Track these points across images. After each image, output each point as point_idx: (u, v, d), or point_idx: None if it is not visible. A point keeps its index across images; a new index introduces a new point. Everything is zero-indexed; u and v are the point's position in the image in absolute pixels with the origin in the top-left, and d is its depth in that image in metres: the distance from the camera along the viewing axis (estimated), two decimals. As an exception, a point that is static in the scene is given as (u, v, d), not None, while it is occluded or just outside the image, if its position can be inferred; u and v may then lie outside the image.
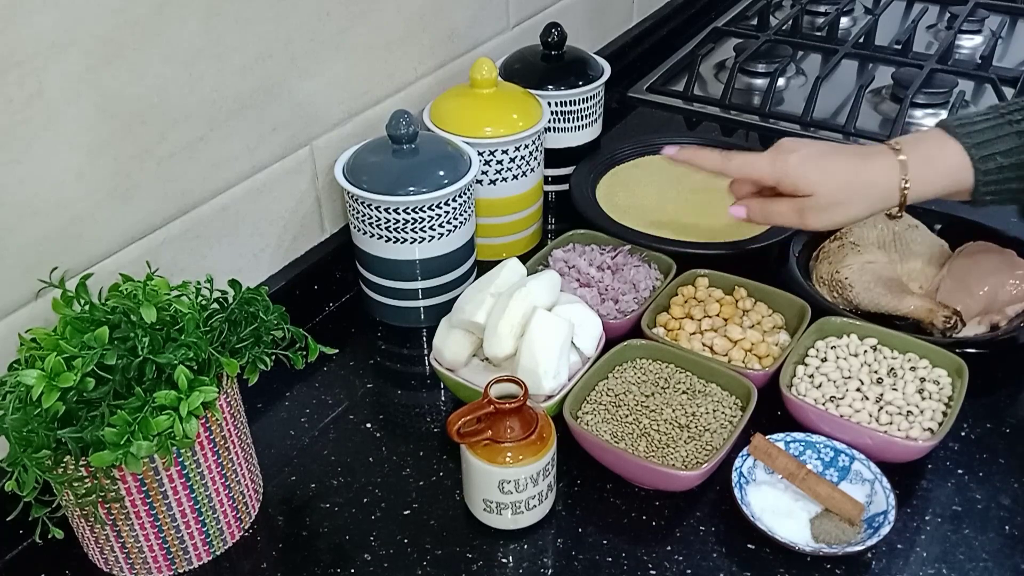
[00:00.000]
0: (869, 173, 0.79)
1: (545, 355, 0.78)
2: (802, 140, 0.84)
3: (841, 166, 0.80)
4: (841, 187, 0.79)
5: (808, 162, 0.80)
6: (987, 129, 0.77)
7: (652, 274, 0.96)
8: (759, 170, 0.82)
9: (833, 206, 0.80)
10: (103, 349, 0.61)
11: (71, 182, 0.72)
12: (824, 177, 0.80)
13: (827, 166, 0.80)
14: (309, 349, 0.71)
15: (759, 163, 0.82)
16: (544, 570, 0.72)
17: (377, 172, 0.89)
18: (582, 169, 1.12)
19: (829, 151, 0.82)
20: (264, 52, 0.85)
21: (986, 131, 0.77)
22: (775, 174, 0.81)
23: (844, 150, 0.82)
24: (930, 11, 1.64)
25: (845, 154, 0.81)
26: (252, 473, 0.75)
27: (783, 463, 0.75)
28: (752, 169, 0.83)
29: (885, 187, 0.79)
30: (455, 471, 0.79)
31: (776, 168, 0.81)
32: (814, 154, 0.81)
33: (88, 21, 0.69)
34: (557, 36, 1.10)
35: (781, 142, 0.83)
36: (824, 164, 0.80)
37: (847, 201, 0.80)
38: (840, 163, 0.80)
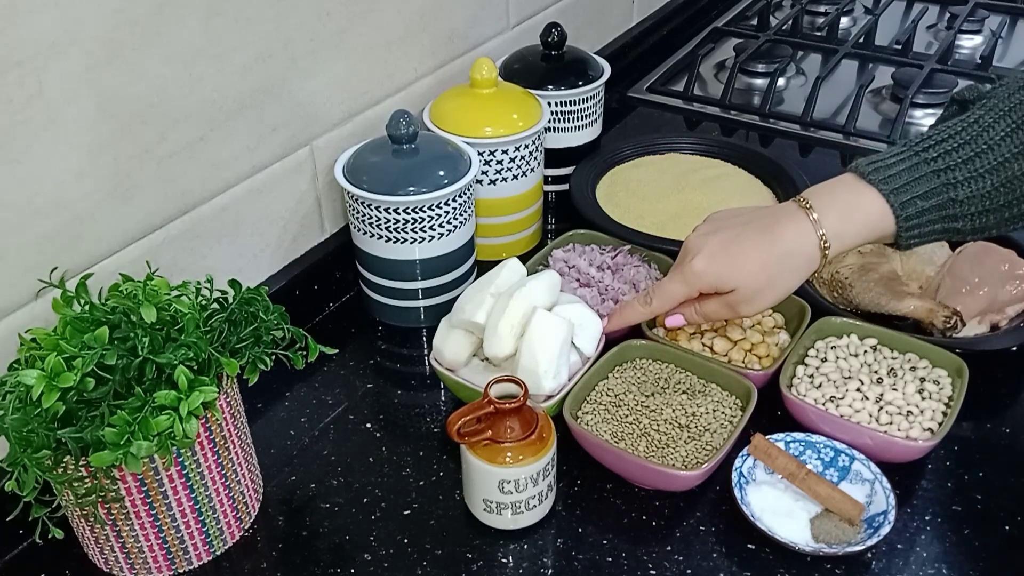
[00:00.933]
0: (783, 244, 0.75)
1: (545, 355, 0.78)
2: (707, 228, 0.79)
3: (750, 249, 0.75)
4: (759, 271, 0.75)
5: (715, 260, 0.76)
6: (903, 172, 0.73)
7: (652, 274, 0.96)
8: (679, 295, 0.79)
9: (758, 292, 0.76)
10: (103, 349, 0.61)
11: (71, 182, 0.72)
12: (736, 269, 0.76)
13: (735, 256, 0.76)
14: (309, 349, 0.71)
15: (675, 289, 0.79)
16: (544, 570, 0.72)
17: (377, 172, 0.89)
18: (582, 169, 1.12)
19: (733, 237, 0.76)
20: (264, 52, 0.85)
21: (902, 174, 0.73)
22: (692, 289, 0.78)
23: (751, 225, 0.77)
24: (930, 11, 1.64)
25: (752, 231, 0.76)
26: (252, 473, 0.75)
27: (783, 463, 0.75)
28: (672, 298, 0.80)
29: (804, 256, 0.75)
30: (455, 471, 0.79)
31: (690, 283, 0.78)
32: (718, 248, 0.77)
33: (88, 21, 0.69)
34: (557, 36, 1.10)
35: (686, 243, 0.80)
36: (732, 255, 0.76)
37: (771, 283, 0.76)
38: (748, 246, 0.76)
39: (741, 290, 0.76)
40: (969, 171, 0.72)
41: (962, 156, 0.72)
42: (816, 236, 0.74)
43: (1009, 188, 0.72)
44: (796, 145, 1.28)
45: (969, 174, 0.72)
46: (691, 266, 0.77)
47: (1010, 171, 0.72)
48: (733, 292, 0.77)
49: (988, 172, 0.72)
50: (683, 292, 0.79)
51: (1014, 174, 0.72)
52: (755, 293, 0.76)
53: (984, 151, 0.72)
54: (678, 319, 0.82)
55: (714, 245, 0.77)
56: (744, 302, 0.77)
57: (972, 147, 0.72)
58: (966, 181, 0.72)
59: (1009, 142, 0.72)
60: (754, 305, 0.77)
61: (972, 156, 0.72)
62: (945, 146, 0.73)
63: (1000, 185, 0.72)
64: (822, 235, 0.74)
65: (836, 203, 0.75)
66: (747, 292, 0.76)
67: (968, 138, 0.72)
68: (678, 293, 0.79)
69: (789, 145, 1.29)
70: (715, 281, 0.77)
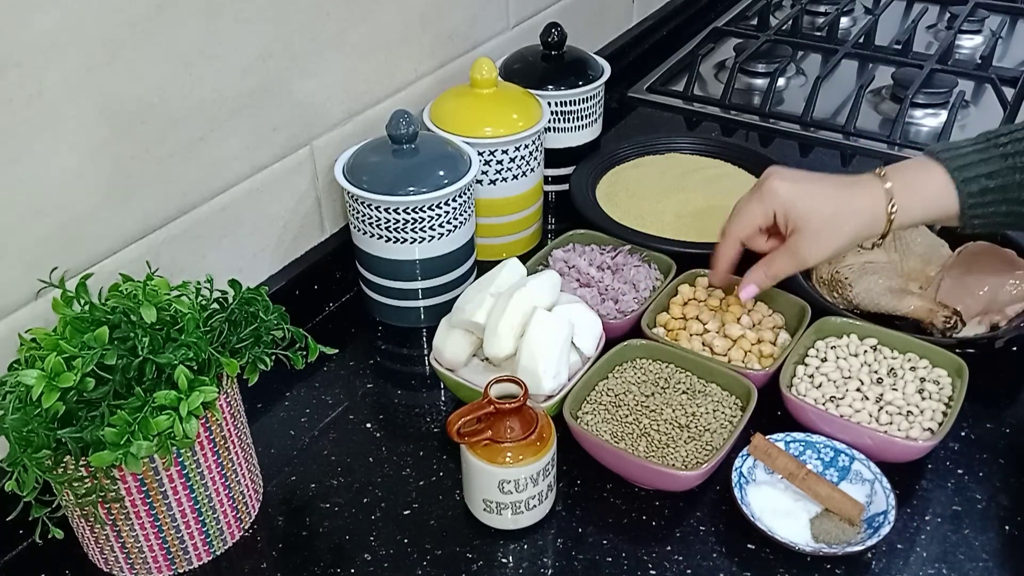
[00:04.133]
0: (856, 201, 0.79)
1: (545, 355, 0.78)
2: (787, 169, 0.83)
3: (828, 194, 0.80)
4: (830, 212, 0.79)
5: (793, 186, 0.80)
6: (972, 153, 0.77)
7: (652, 274, 0.96)
8: (756, 213, 0.82)
9: (822, 233, 0.79)
10: (103, 349, 0.61)
11: (71, 182, 0.72)
12: (810, 201, 0.79)
13: (814, 194, 0.80)
14: (309, 349, 0.71)
15: (751, 207, 0.82)
16: (544, 570, 0.72)
17: (377, 172, 0.89)
18: (582, 169, 1.12)
19: (815, 179, 0.81)
20: (264, 52, 0.85)
21: (970, 155, 0.77)
22: (766, 208, 0.81)
23: (829, 179, 0.82)
24: (930, 11, 1.64)
25: (831, 183, 0.81)
26: (252, 473, 0.75)
27: (783, 463, 0.75)
28: (749, 215, 0.82)
29: (871, 214, 0.78)
30: (455, 471, 0.79)
31: (765, 200, 0.81)
32: (798, 178, 0.81)
33: (88, 21, 0.69)
34: (557, 36, 1.10)
35: (767, 171, 0.82)
36: (809, 189, 0.80)
37: (836, 227, 0.79)
38: (827, 191, 0.80)
39: (807, 227, 0.79)
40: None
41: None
42: (885, 203, 0.78)
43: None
44: (796, 145, 1.28)
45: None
46: (769, 183, 0.80)
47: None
48: (796, 234, 0.79)
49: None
50: (759, 210, 0.81)
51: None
52: (819, 233, 0.79)
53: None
54: (751, 289, 0.84)
55: (794, 175, 0.81)
56: (807, 240, 0.79)
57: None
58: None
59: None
60: (817, 247, 0.80)
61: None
62: (1017, 134, 0.76)
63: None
64: (892, 202, 0.78)
65: (906, 177, 0.79)
66: (812, 230, 0.79)
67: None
68: (755, 211, 0.81)
69: (789, 145, 1.29)
70: (787, 204, 0.79)
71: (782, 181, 0.80)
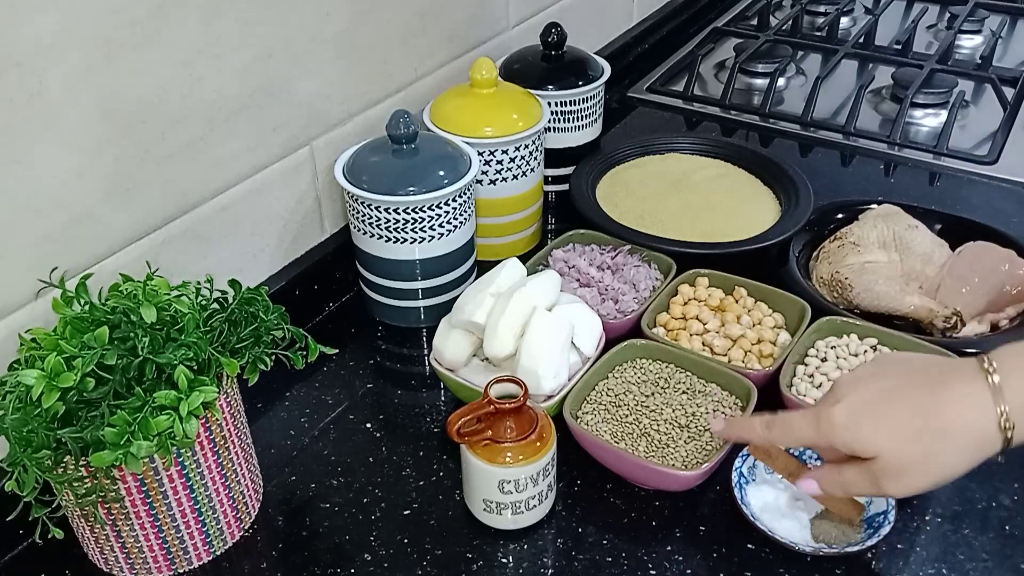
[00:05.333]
0: (946, 414, 0.58)
1: (545, 355, 0.78)
2: (866, 371, 0.63)
3: (903, 414, 0.59)
4: (908, 443, 0.59)
5: (859, 418, 0.60)
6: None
7: (652, 274, 0.96)
8: (804, 438, 0.65)
9: (907, 469, 0.59)
10: (103, 349, 0.61)
11: (71, 182, 0.72)
12: (880, 434, 0.59)
13: (883, 416, 0.60)
14: (309, 349, 0.71)
15: (802, 431, 0.64)
16: (544, 570, 0.72)
17: (377, 172, 0.89)
18: (582, 169, 1.12)
19: (888, 391, 0.60)
20: (264, 52, 0.85)
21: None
22: (821, 441, 0.62)
23: (914, 379, 0.61)
24: (930, 11, 1.64)
25: (913, 388, 0.60)
26: (252, 473, 0.75)
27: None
28: (796, 437, 0.66)
29: (976, 431, 0.57)
30: (455, 471, 0.79)
31: (822, 432, 0.62)
32: (867, 400, 0.61)
33: (88, 21, 0.69)
34: (557, 36, 1.10)
35: (836, 382, 0.64)
36: (879, 414, 0.60)
37: (925, 461, 0.59)
38: (901, 409, 0.59)
39: (884, 460, 0.60)
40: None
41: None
42: (995, 411, 0.56)
43: None
44: (796, 145, 1.28)
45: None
46: (829, 413, 0.61)
47: None
48: (875, 460, 0.60)
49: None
50: (810, 437, 0.64)
51: None
52: (903, 469, 0.60)
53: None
54: (812, 485, 0.66)
55: (864, 395, 0.61)
56: (889, 477, 0.60)
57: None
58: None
59: None
60: (902, 484, 0.60)
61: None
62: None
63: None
64: (1003, 412, 0.56)
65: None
66: (892, 465, 0.60)
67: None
68: (804, 436, 0.64)
69: (789, 145, 1.29)
70: (851, 441, 0.61)
71: (843, 408, 0.61)
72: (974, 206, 1.11)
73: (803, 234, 1.01)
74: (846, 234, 0.98)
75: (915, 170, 1.21)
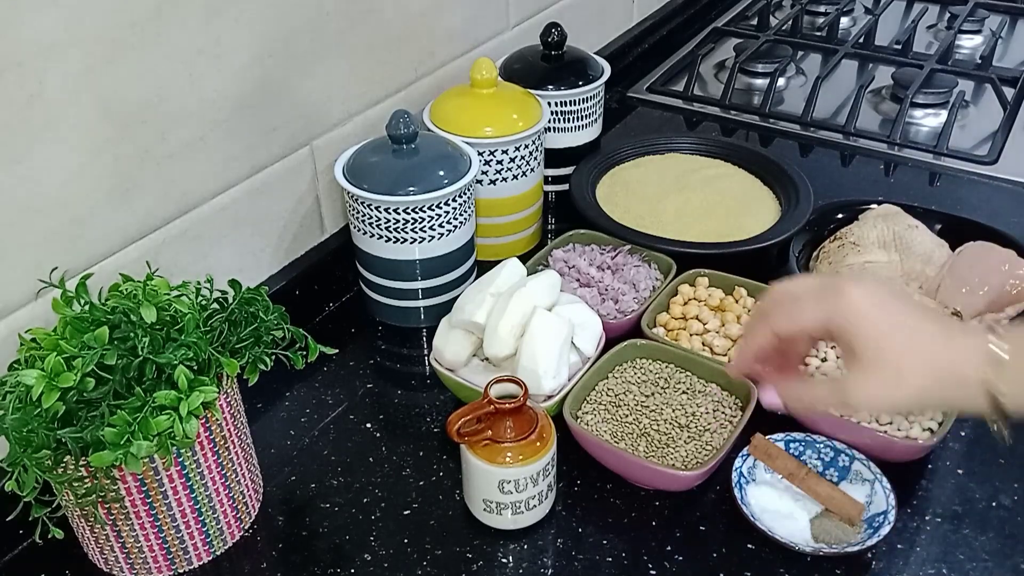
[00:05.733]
0: (950, 349, 0.56)
1: (545, 355, 0.78)
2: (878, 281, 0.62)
3: (912, 322, 0.57)
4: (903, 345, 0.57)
5: (871, 300, 0.57)
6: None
7: (652, 274, 0.96)
8: (805, 313, 0.60)
9: (885, 371, 0.56)
10: (103, 349, 0.61)
11: (71, 182, 0.72)
12: (884, 324, 0.57)
13: (894, 315, 0.57)
14: (309, 349, 0.71)
15: (805, 306, 0.60)
16: (544, 570, 0.72)
17: (377, 172, 0.89)
18: (582, 169, 1.12)
19: (903, 304, 0.58)
20: (264, 52, 0.85)
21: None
22: (827, 311, 0.59)
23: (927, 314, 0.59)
24: (930, 11, 1.65)
25: (930, 315, 0.59)
26: (252, 473, 0.75)
27: (783, 463, 0.75)
28: (798, 315, 0.60)
29: (961, 376, 0.56)
30: (455, 471, 0.79)
31: (828, 304, 0.58)
32: (883, 297, 0.58)
33: (88, 21, 0.69)
34: (557, 36, 1.10)
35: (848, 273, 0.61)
36: (891, 312, 0.57)
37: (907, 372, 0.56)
38: (918, 317, 0.58)
39: (878, 350, 0.57)
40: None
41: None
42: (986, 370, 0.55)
43: None
44: (796, 145, 1.28)
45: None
46: (845, 285, 0.59)
47: None
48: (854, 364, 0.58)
49: None
50: (813, 312, 0.60)
51: None
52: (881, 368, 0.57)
53: None
54: (776, 399, 0.65)
55: (881, 291, 0.59)
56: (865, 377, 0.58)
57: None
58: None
59: None
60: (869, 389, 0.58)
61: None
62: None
63: None
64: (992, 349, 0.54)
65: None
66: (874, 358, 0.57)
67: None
68: (808, 310, 0.60)
69: (789, 145, 1.29)
70: (857, 319, 0.57)
71: (860, 288, 0.58)
72: (974, 206, 1.11)
73: (803, 234, 1.01)
74: (846, 234, 0.98)
75: (915, 170, 1.21)
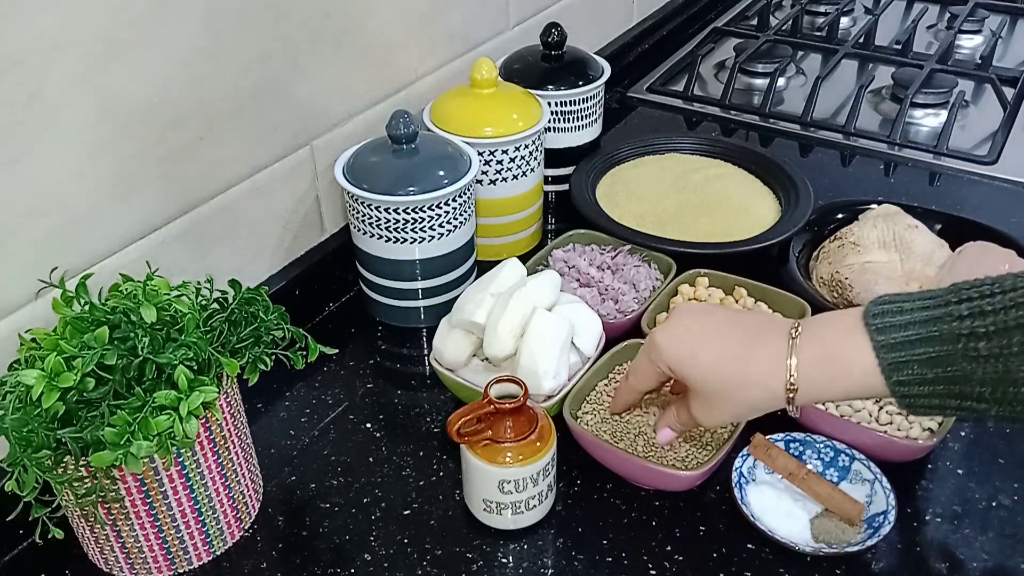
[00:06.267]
0: (751, 369, 0.64)
1: (545, 355, 0.78)
2: (689, 310, 0.71)
3: (718, 358, 0.65)
4: (717, 383, 0.65)
5: (679, 350, 0.67)
6: (915, 324, 0.57)
7: (652, 274, 0.96)
8: (647, 371, 0.71)
9: (713, 402, 0.66)
10: (103, 349, 0.61)
11: (71, 182, 0.72)
12: (698, 372, 0.66)
13: (701, 359, 0.66)
14: (309, 349, 0.71)
15: (641, 363, 0.71)
16: (544, 570, 0.72)
17: (377, 172, 0.89)
18: (582, 169, 1.12)
19: (712, 329, 0.67)
20: (264, 52, 0.85)
21: (913, 325, 0.57)
22: (654, 365, 0.69)
23: (735, 325, 0.67)
24: (930, 11, 1.65)
25: (733, 331, 0.66)
26: (252, 473, 0.75)
27: (783, 463, 0.75)
28: (642, 373, 0.71)
29: (768, 390, 0.63)
30: (455, 471, 0.79)
31: (652, 358, 0.69)
32: (686, 328, 0.68)
33: (88, 21, 0.69)
34: (557, 36, 1.10)
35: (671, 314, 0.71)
36: (698, 355, 0.66)
37: (729, 399, 0.65)
38: (717, 354, 0.65)
39: (697, 390, 0.67)
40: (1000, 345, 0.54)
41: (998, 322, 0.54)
42: (784, 378, 0.62)
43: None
44: (796, 145, 1.28)
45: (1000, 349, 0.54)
46: (653, 335, 0.69)
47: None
48: (690, 394, 0.69)
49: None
50: (648, 368, 0.70)
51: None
52: (710, 402, 0.67)
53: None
54: (667, 433, 0.73)
55: (683, 323, 0.69)
56: (699, 406, 0.68)
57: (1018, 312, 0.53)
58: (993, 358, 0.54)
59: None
60: (709, 414, 0.68)
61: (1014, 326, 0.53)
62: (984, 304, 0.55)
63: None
64: (791, 380, 0.62)
65: (823, 343, 0.61)
66: (703, 395, 0.67)
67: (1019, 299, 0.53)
68: (645, 368, 0.70)
69: (789, 145, 1.29)
70: (671, 361, 0.67)
71: (665, 336, 0.68)
72: (974, 206, 1.11)
73: (803, 234, 1.01)
74: (846, 234, 0.98)
75: (915, 170, 1.21)
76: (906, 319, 0.57)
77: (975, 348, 0.55)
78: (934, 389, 0.57)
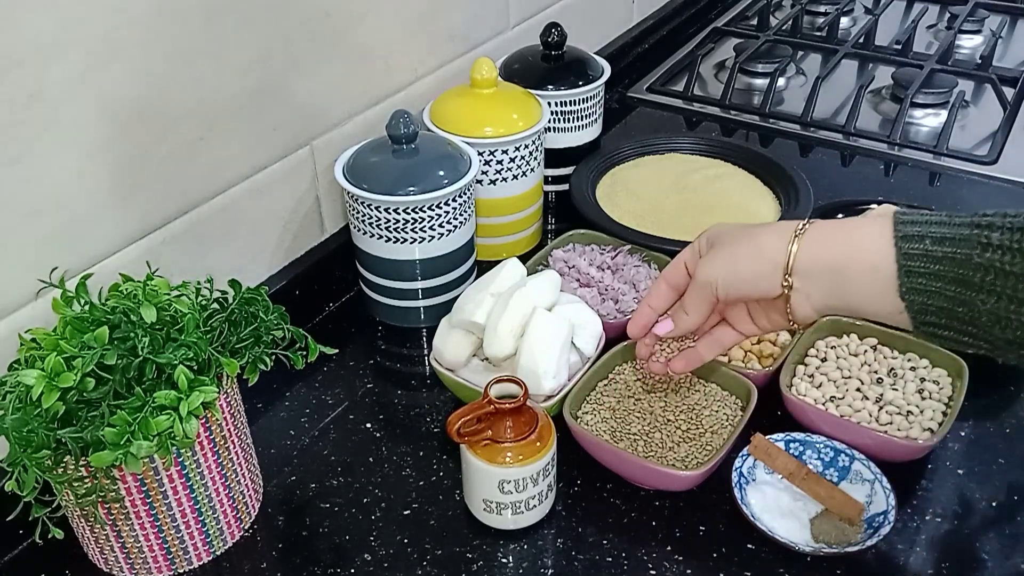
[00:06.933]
0: (763, 235, 0.65)
1: (545, 355, 0.78)
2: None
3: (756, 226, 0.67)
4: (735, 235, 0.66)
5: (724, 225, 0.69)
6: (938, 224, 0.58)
7: (652, 274, 0.96)
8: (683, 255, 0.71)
9: (718, 247, 0.67)
10: (103, 349, 0.61)
11: (71, 182, 0.72)
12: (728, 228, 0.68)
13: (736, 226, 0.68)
14: (309, 349, 0.71)
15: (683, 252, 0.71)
16: (544, 570, 0.72)
17: (377, 172, 0.89)
18: (582, 169, 1.12)
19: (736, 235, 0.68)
20: (264, 52, 0.85)
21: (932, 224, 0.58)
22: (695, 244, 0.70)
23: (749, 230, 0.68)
24: (930, 11, 1.64)
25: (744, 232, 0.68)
26: (252, 473, 0.75)
27: (783, 463, 0.75)
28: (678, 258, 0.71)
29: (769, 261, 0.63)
30: (455, 471, 0.79)
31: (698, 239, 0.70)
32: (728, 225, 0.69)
33: (88, 21, 0.69)
34: (557, 36, 1.10)
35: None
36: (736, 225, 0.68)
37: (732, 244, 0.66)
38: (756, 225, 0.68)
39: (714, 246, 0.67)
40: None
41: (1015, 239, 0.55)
42: (786, 252, 0.62)
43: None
44: (796, 145, 1.28)
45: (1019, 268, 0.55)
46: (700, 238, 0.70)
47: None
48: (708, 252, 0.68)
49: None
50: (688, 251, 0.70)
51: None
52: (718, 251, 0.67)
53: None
54: (667, 324, 0.72)
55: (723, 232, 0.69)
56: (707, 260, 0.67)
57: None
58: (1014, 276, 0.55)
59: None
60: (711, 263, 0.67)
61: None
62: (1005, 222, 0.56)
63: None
64: (792, 252, 0.62)
65: (834, 231, 0.62)
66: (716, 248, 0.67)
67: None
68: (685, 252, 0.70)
69: (789, 145, 1.29)
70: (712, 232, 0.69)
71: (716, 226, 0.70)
72: (974, 206, 1.11)
73: (803, 234, 1.01)
74: (846, 234, 0.98)
75: (915, 170, 1.21)
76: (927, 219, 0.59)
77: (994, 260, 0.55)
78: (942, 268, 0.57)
